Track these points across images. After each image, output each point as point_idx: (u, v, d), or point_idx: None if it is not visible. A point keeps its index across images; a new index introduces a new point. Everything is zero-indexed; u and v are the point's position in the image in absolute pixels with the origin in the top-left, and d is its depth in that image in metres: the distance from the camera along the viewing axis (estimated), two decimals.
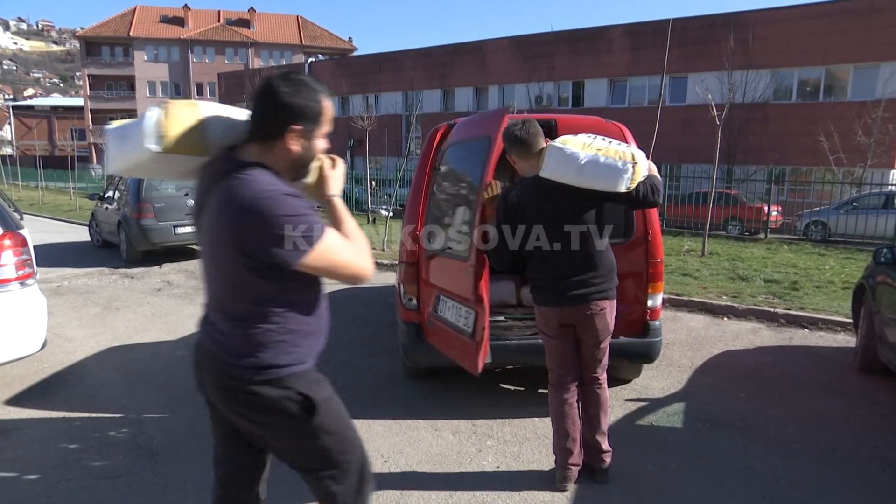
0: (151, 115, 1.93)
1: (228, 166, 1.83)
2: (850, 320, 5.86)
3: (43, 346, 4.72)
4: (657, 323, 4.15)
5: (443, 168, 4.00)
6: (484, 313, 3.24)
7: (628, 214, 4.02)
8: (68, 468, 3.53)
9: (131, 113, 57.65)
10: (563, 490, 3.24)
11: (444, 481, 3.38)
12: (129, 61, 58.50)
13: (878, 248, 4.86)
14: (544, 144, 3.11)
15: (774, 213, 16.04)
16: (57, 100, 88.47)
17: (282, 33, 61.52)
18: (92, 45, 59.82)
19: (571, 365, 3.25)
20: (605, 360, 3.31)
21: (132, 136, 1.95)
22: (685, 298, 7.31)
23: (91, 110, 59.32)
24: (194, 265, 10.27)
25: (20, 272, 4.48)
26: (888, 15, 21.38)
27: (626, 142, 4.10)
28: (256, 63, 57.34)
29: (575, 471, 3.25)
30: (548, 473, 3.39)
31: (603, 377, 3.32)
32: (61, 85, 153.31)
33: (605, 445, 3.33)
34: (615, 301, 3.21)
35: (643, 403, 4.43)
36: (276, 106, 1.81)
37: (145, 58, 57.97)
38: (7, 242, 4.44)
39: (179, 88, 57.65)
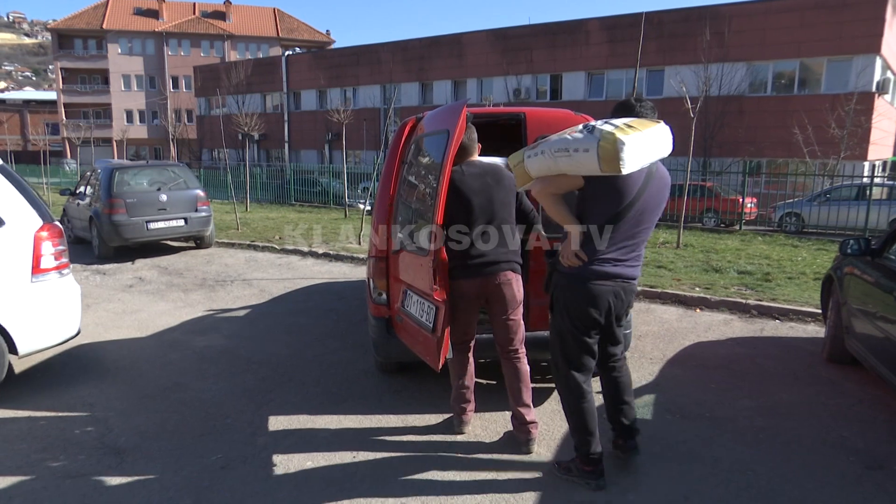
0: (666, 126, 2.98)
1: None
2: (820, 311, 5.94)
3: (77, 333, 4.94)
4: (627, 316, 4.16)
5: (409, 162, 3.97)
6: (443, 309, 3.21)
7: None
8: (31, 468, 3.47)
9: (105, 108, 56.83)
10: (461, 433, 3.80)
11: (414, 476, 3.36)
12: (103, 54, 57.50)
13: (844, 240, 4.92)
14: (477, 150, 3.62)
15: (749, 205, 16.24)
16: (29, 93, 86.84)
17: (258, 26, 60.85)
18: (64, 38, 58.67)
19: (473, 331, 3.70)
20: (522, 333, 3.62)
21: (662, 143, 2.93)
22: (658, 290, 7.36)
23: (64, 104, 58.29)
24: (167, 261, 10.15)
25: (58, 262, 4.71)
26: (860, 9, 21.69)
27: None
28: (233, 56, 56.66)
29: (471, 415, 3.84)
30: (517, 462, 3.40)
31: (522, 350, 3.62)
32: (34, 78, 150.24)
33: (531, 416, 3.55)
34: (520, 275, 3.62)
35: None
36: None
37: (119, 51, 57.04)
38: (44, 234, 4.60)
39: (155, 82, 56.83)
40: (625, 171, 2.75)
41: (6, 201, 4.54)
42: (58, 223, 4.84)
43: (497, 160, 3.90)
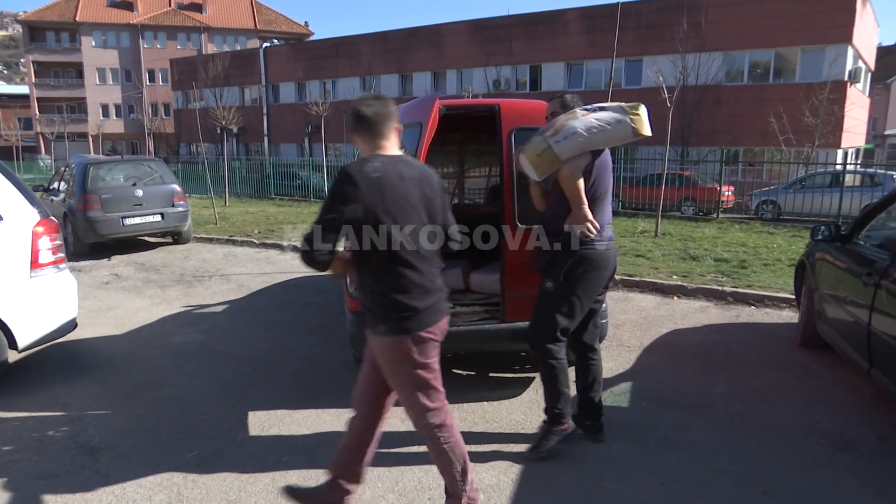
0: None
1: None
2: (794, 296, 6.03)
3: (75, 327, 5.00)
4: (603, 306, 4.19)
5: None
6: None
7: None
8: (3, 469, 3.42)
9: (80, 102, 55.89)
10: None
11: (390, 469, 3.37)
12: (77, 47, 56.42)
13: (815, 226, 4.98)
14: (396, 128, 2.65)
15: (727, 194, 16.42)
16: (0, 87, 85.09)
17: (235, 17, 60.06)
18: (36, 31, 57.48)
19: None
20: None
21: None
22: (636, 279, 7.41)
23: (37, 98, 57.15)
24: (144, 257, 10.03)
25: (55, 256, 4.75)
26: (832, 0, 21.92)
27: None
28: (210, 48, 55.91)
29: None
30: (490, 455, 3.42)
31: None
32: (5, 72, 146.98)
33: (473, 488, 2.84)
34: None
35: None
36: None
37: (93, 44, 56.00)
38: (41, 229, 4.64)
39: (130, 76, 55.93)
40: (649, 133, 3.30)
41: (4, 197, 4.56)
42: (53, 218, 4.89)
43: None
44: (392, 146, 2.65)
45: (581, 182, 3.28)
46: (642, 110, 3.30)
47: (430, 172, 2.73)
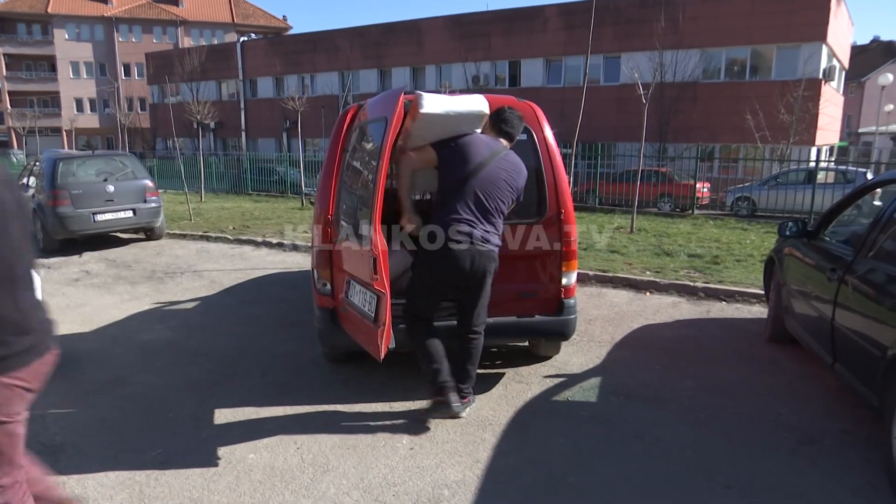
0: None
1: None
2: (764, 292, 6.09)
3: None
4: (572, 301, 4.20)
5: (353, 149, 3.93)
6: (385, 298, 3.19)
7: (541, 194, 4.04)
8: None
9: (54, 96, 54.93)
10: None
11: (356, 465, 3.35)
12: (49, 40, 55.39)
13: (782, 222, 5.03)
14: None
15: (703, 190, 16.59)
16: None
17: (212, 11, 59.35)
18: (6, 22, 56.26)
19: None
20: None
21: (472, 101, 3.73)
22: (610, 275, 7.44)
23: (9, 92, 56.04)
24: (115, 253, 9.88)
25: None
26: None
27: (538, 122, 4.17)
28: (186, 42, 55.19)
29: None
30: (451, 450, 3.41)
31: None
32: None
33: None
34: None
35: (561, 379, 4.50)
36: None
37: (66, 36, 55.03)
38: None
39: (105, 69, 55.04)
40: (422, 111, 3.44)
41: None
42: None
43: None
44: None
45: (407, 172, 3.71)
46: (419, 97, 3.48)
47: (12, 175, 2.22)
